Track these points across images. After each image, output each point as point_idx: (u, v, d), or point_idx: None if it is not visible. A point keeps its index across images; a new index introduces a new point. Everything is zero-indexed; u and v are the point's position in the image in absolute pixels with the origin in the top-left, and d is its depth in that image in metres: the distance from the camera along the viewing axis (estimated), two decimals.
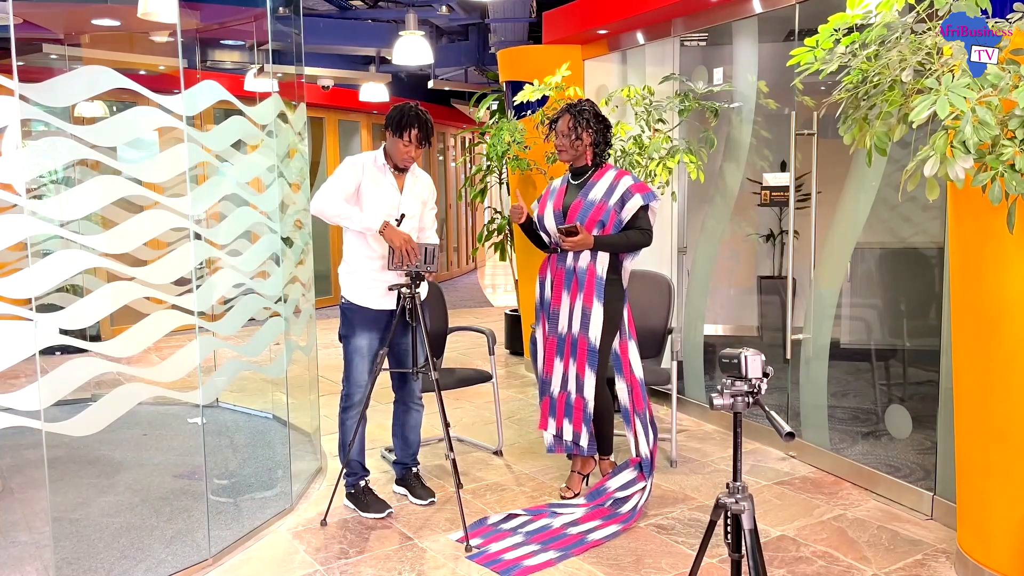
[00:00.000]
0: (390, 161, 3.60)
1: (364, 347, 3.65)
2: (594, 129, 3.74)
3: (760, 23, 4.70)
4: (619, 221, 3.68)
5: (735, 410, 2.13)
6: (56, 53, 6.04)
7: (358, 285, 3.64)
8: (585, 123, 3.72)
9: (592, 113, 3.75)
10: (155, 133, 3.23)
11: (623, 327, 3.80)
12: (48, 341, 2.82)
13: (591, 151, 3.77)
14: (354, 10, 8.66)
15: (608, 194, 3.68)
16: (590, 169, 3.79)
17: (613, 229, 3.68)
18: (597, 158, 3.79)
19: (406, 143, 3.53)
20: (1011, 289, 2.68)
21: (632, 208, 3.67)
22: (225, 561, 3.26)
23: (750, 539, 2.16)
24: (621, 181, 3.71)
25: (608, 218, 3.66)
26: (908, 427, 3.95)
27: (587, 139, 3.74)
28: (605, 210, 3.66)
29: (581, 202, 3.69)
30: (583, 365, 3.68)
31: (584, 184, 3.76)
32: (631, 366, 3.81)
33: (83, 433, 2.95)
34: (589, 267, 3.64)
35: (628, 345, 3.80)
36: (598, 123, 3.75)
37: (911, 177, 2.42)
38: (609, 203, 3.66)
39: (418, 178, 3.73)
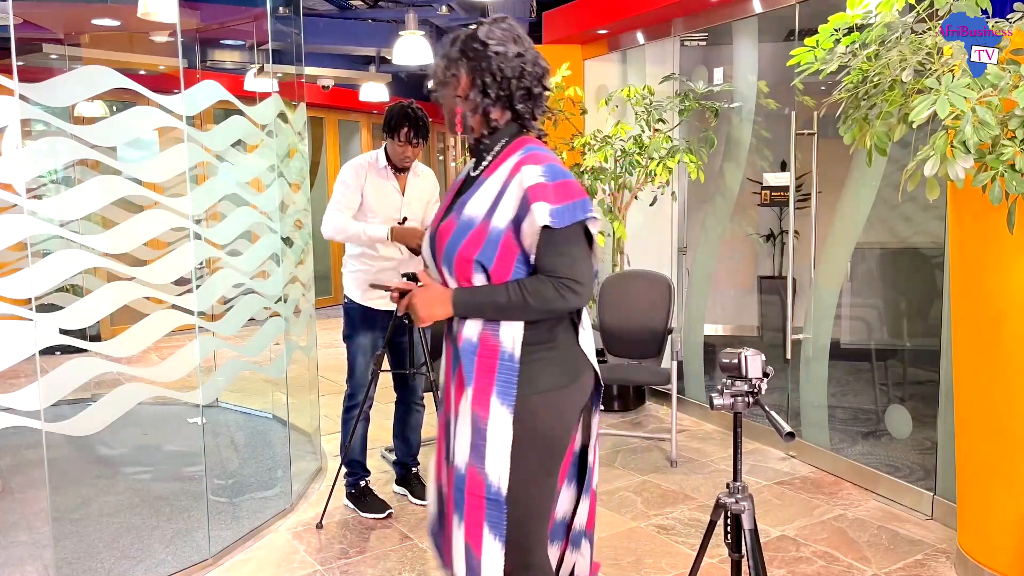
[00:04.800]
0: (390, 161, 3.59)
1: (367, 346, 3.64)
2: (481, 66, 1.92)
3: (760, 23, 4.70)
4: (524, 256, 1.90)
5: (735, 410, 2.13)
6: (56, 53, 6.04)
7: (360, 285, 3.63)
8: (460, 57, 1.94)
9: (472, 38, 1.93)
10: (155, 133, 3.23)
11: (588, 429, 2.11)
12: (48, 341, 2.82)
13: (480, 110, 1.96)
14: (354, 10, 8.66)
15: (494, 203, 1.90)
16: (489, 149, 2.00)
17: (514, 272, 1.90)
18: (493, 124, 1.97)
19: (400, 143, 3.50)
20: (1011, 289, 2.68)
21: (532, 232, 1.85)
22: (225, 561, 3.26)
23: (750, 539, 2.16)
24: (516, 177, 1.88)
25: (495, 252, 1.88)
26: (908, 427, 3.95)
27: (464, 84, 1.95)
28: (486, 237, 1.88)
29: (454, 220, 1.94)
30: (474, 528, 1.90)
31: (476, 181, 2.00)
32: (594, 475, 2.13)
33: (83, 433, 2.95)
34: (482, 337, 1.92)
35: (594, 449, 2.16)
36: (486, 54, 1.91)
37: (911, 177, 2.42)
38: (492, 222, 1.88)
39: (420, 176, 3.71)
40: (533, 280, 1.87)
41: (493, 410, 1.87)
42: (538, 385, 1.90)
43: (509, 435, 1.87)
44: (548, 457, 1.94)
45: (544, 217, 1.81)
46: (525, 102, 1.96)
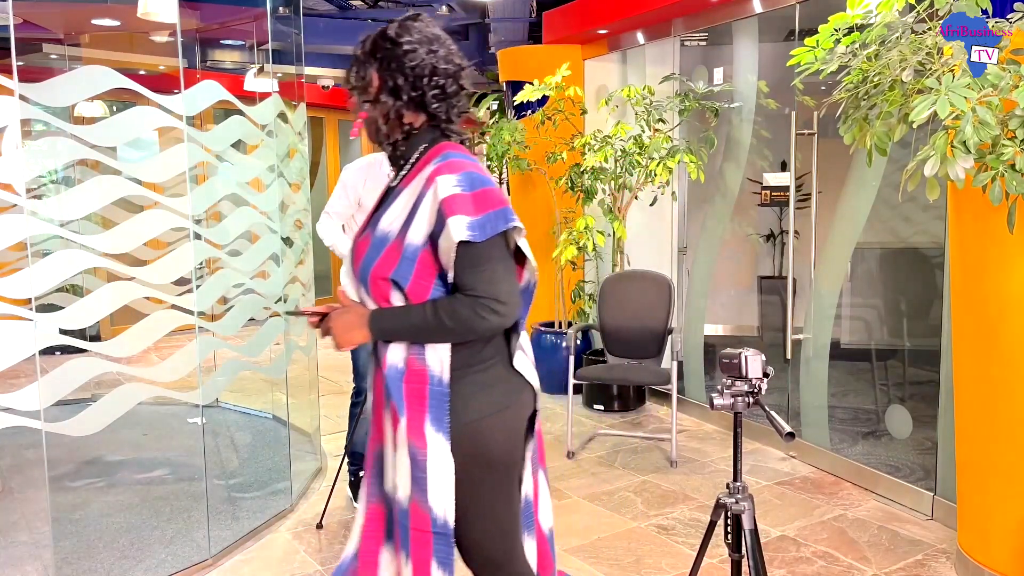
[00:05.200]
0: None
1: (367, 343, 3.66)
2: (391, 66, 1.78)
3: (760, 23, 4.70)
4: (443, 274, 1.76)
5: (735, 410, 2.13)
6: (56, 53, 6.04)
7: None
8: (370, 57, 1.81)
9: (382, 36, 1.80)
10: (155, 133, 3.23)
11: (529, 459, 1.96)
12: (48, 341, 2.82)
13: (393, 113, 1.81)
14: (354, 10, 8.66)
15: (409, 217, 1.77)
16: (406, 157, 1.87)
17: (432, 291, 1.76)
18: (407, 128, 1.83)
19: None
20: (1011, 289, 2.68)
21: (450, 248, 1.71)
22: (225, 561, 3.26)
23: (750, 539, 2.16)
24: (431, 188, 1.74)
25: (410, 269, 1.75)
26: (908, 427, 3.95)
27: (375, 86, 1.81)
28: (400, 254, 1.75)
29: (369, 236, 1.84)
30: (422, 565, 1.78)
31: (394, 192, 1.87)
32: (540, 511, 1.99)
33: (83, 433, 2.95)
34: (408, 361, 1.79)
35: (539, 480, 1.99)
36: (395, 52, 1.78)
37: (911, 177, 2.42)
38: (407, 238, 1.75)
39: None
40: (451, 300, 1.73)
41: (429, 439, 1.73)
42: (475, 410, 1.78)
43: (450, 464, 1.74)
44: (501, 480, 1.83)
45: (461, 232, 1.66)
46: (440, 102, 1.80)
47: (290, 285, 4.08)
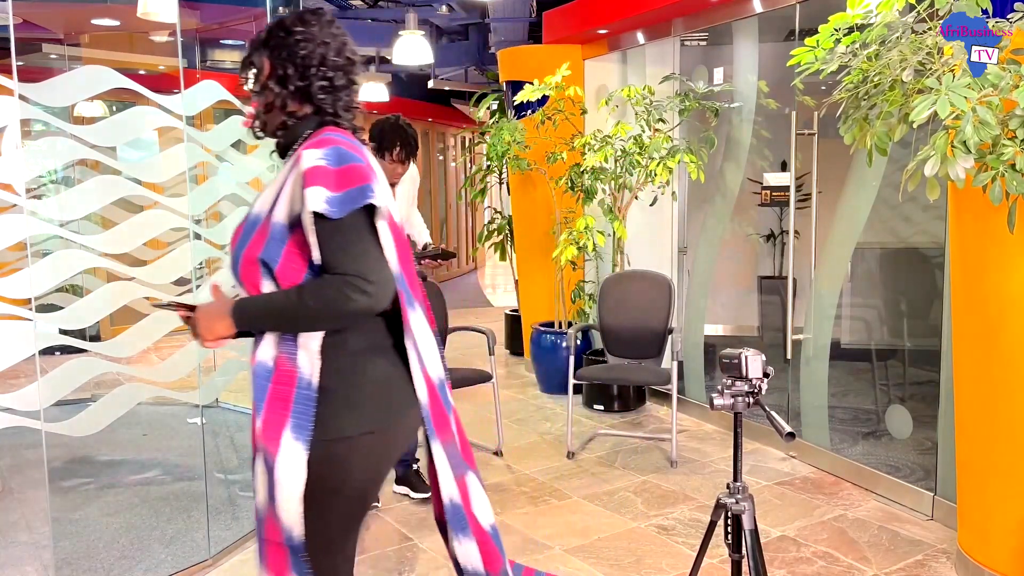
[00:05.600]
0: None
1: None
2: (282, 55, 1.78)
3: (760, 23, 4.69)
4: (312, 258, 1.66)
5: (735, 410, 2.13)
6: (56, 53, 6.04)
7: None
8: (263, 46, 1.81)
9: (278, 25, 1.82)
10: (155, 133, 3.24)
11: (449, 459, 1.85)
12: (48, 341, 2.82)
13: (279, 102, 1.78)
14: (354, 10, 8.66)
15: (277, 195, 1.72)
16: (291, 145, 1.81)
17: (306, 275, 1.68)
18: (291, 117, 1.80)
19: (390, 162, 3.50)
20: (1012, 289, 2.68)
21: (310, 223, 1.63)
22: (225, 561, 3.26)
23: (750, 539, 2.16)
24: (298, 164, 1.68)
25: (278, 250, 1.68)
26: (909, 427, 3.95)
27: (266, 74, 1.80)
28: (268, 234, 1.70)
29: (243, 222, 1.80)
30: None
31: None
32: (475, 511, 1.90)
33: (83, 433, 2.95)
34: (278, 360, 1.69)
35: (467, 482, 1.89)
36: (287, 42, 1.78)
37: (911, 177, 2.42)
38: (274, 217, 1.70)
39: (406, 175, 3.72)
40: (317, 280, 1.61)
41: (285, 447, 1.60)
42: (338, 428, 1.64)
43: (301, 478, 1.61)
44: (348, 511, 1.71)
45: (317, 203, 1.58)
46: (326, 93, 1.76)
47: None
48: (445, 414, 1.83)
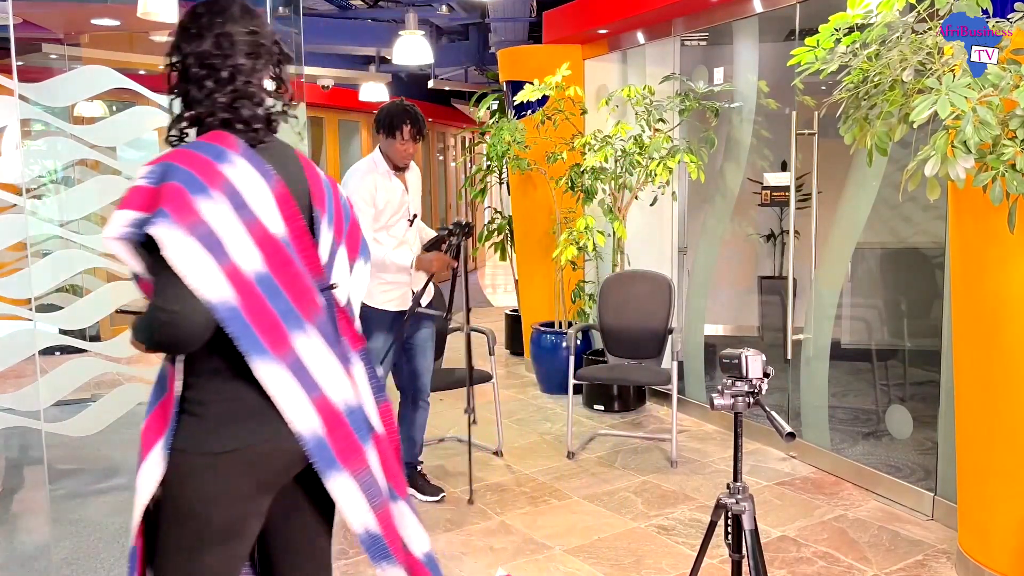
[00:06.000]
0: (389, 162, 3.57)
1: (380, 349, 3.61)
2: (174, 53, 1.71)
3: (761, 23, 4.69)
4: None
5: (735, 410, 2.12)
6: (56, 53, 6.03)
7: (374, 289, 3.59)
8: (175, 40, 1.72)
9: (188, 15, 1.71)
10: (155, 133, 3.23)
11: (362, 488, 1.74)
12: (48, 341, 2.82)
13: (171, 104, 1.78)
14: (354, 10, 8.66)
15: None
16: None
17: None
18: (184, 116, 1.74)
19: (402, 142, 3.50)
20: (1012, 289, 2.68)
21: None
22: None
23: (751, 539, 2.16)
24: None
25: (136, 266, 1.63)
26: (909, 427, 3.95)
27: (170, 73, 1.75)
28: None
29: None
30: None
31: None
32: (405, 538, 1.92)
33: (83, 433, 2.95)
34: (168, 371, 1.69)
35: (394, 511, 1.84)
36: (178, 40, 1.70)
37: (912, 177, 2.42)
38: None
39: (412, 171, 3.74)
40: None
41: (150, 456, 1.60)
42: (191, 443, 1.59)
43: (148, 490, 1.60)
44: (187, 538, 1.62)
45: (111, 227, 1.52)
46: (200, 93, 1.65)
47: None
48: (355, 443, 1.67)
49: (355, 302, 1.83)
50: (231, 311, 1.52)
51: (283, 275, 1.60)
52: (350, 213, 1.85)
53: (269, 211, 1.60)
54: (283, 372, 1.59)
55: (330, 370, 1.67)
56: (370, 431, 1.74)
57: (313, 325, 1.64)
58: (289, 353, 1.60)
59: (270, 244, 1.58)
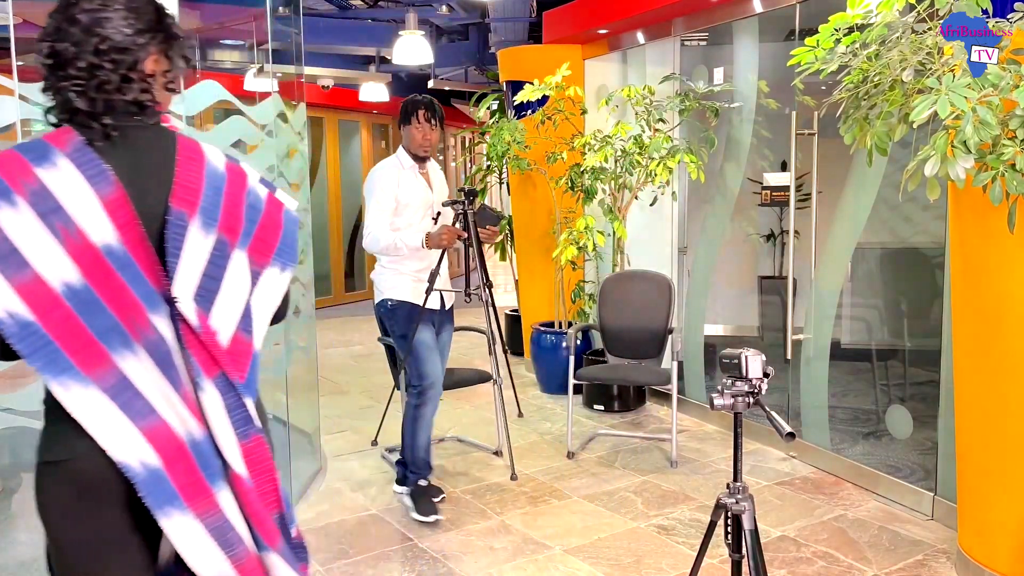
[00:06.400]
0: (412, 157, 3.63)
1: (429, 340, 3.62)
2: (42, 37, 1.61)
3: (761, 23, 4.69)
4: None
5: (735, 410, 2.12)
6: None
7: (403, 284, 3.64)
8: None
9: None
10: None
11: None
12: None
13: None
14: (354, 10, 8.66)
15: None
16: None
17: None
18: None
19: (417, 126, 3.56)
20: (1012, 289, 2.68)
21: None
22: None
23: (750, 539, 2.16)
24: None
25: None
26: (909, 427, 3.95)
27: None
28: None
29: None
30: None
31: None
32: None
33: None
34: None
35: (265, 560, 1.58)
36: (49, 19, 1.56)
37: (912, 177, 2.42)
38: None
39: (435, 169, 3.76)
40: None
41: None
42: (38, 451, 1.52)
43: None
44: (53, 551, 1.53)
45: None
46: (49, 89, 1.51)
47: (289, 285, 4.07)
48: (200, 481, 1.49)
49: (259, 315, 1.58)
50: (23, 326, 1.40)
51: (106, 289, 1.44)
52: (264, 211, 1.59)
53: (94, 218, 1.43)
54: (94, 394, 1.43)
55: (164, 396, 1.48)
56: (224, 470, 1.51)
57: (141, 344, 1.47)
58: (109, 374, 1.44)
59: (89, 254, 1.43)
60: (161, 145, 1.56)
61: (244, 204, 1.57)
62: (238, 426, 1.54)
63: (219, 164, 1.57)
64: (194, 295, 1.49)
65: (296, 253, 1.65)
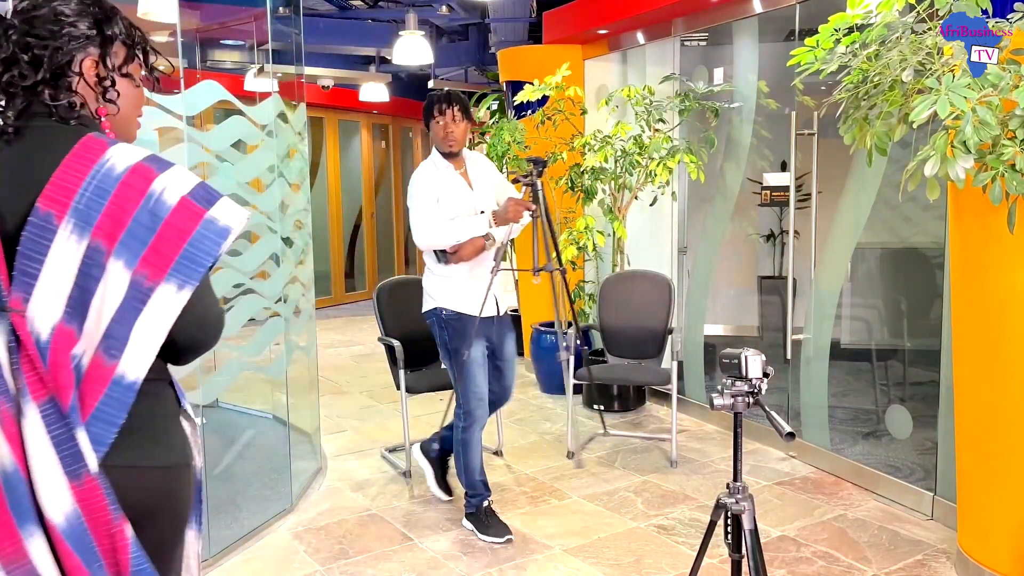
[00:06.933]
0: (442, 155, 3.45)
1: (479, 357, 3.43)
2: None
3: (760, 23, 4.69)
4: None
5: (735, 410, 2.12)
6: None
7: (457, 292, 3.42)
8: None
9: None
10: (155, 133, 3.23)
11: None
12: None
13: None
14: (354, 10, 8.66)
15: None
16: None
17: None
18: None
19: (438, 120, 3.38)
20: (1012, 289, 2.68)
21: None
22: (225, 561, 3.26)
23: (750, 539, 2.16)
24: None
25: None
26: (909, 427, 3.95)
27: None
28: None
29: None
30: None
31: None
32: None
33: None
34: None
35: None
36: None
37: (911, 177, 2.42)
38: None
39: (477, 164, 3.54)
40: None
41: None
42: None
43: None
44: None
45: None
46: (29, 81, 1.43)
47: (290, 285, 4.08)
48: (9, 523, 1.31)
49: (140, 338, 1.36)
50: None
51: None
52: (165, 220, 1.37)
53: None
54: None
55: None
56: (37, 513, 1.31)
57: None
58: None
59: None
60: (58, 146, 1.39)
61: (136, 210, 1.36)
62: (67, 464, 1.32)
63: (120, 165, 1.37)
64: (64, 306, 1.33)
65: (201, 271, 1.38)
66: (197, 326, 1.43)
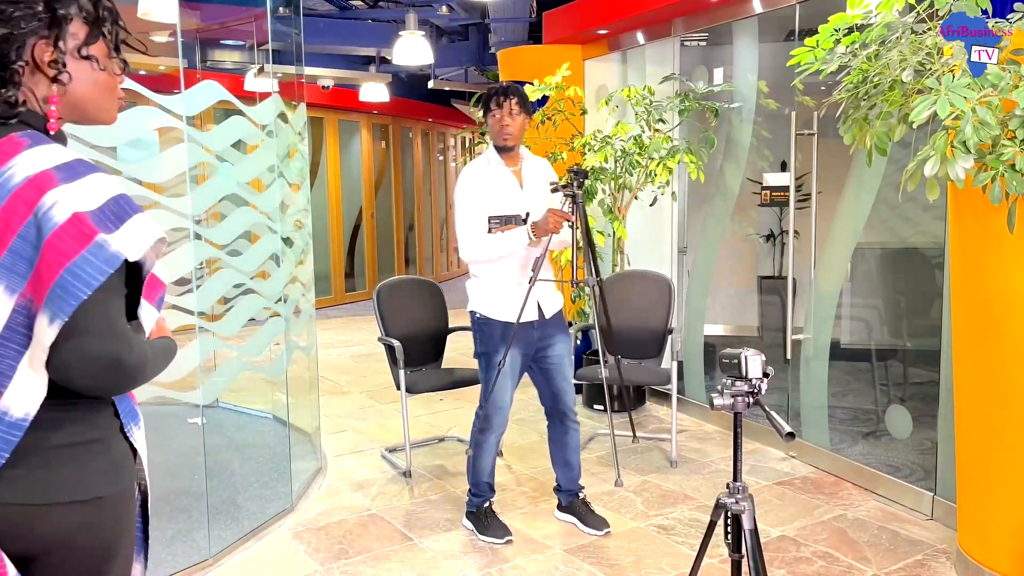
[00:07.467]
0: (501, 153, 3.34)
1: (508, 367, 3.31)
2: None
3: (760, 23, 4.70)
4: None
5: (735, 410, 2.12)
6: None
7: (494, 297, 3.35)
8: None
9: None
10: (155, 133, 3.23)
11: None
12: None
13: None
14: (354, 10, 8.66)
15: None
16: None
17: None
18: None
19: (494, 112, 3.28)
20: (1011, 289, 2.68)
21: None
22: (225, 561, 3.26)
23: (750, 539, 2.16)
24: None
25: None
26: (908, 427, 3.95)
27: None
28: None
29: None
30: None
31: None
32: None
33: None
34: None
35: None
36: None
37: (911, 177, 2.42)
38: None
39: (533, 165, 3.43)
40: None
41: None
42: None
43: None
44: None
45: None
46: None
47: (290, 285, 4.08)
48: None
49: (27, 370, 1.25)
50: None
51: None
52: (47, 241, 1.22)
53: None
54: None
55: None
56: None
57: None
58: None
59: None
60: None
61: (22, 225, 1.22)
62: None
63: (20, 174, 1.24)
64: None
65: (73, 304, 1.21)
66: (78, 369, 1.24)
